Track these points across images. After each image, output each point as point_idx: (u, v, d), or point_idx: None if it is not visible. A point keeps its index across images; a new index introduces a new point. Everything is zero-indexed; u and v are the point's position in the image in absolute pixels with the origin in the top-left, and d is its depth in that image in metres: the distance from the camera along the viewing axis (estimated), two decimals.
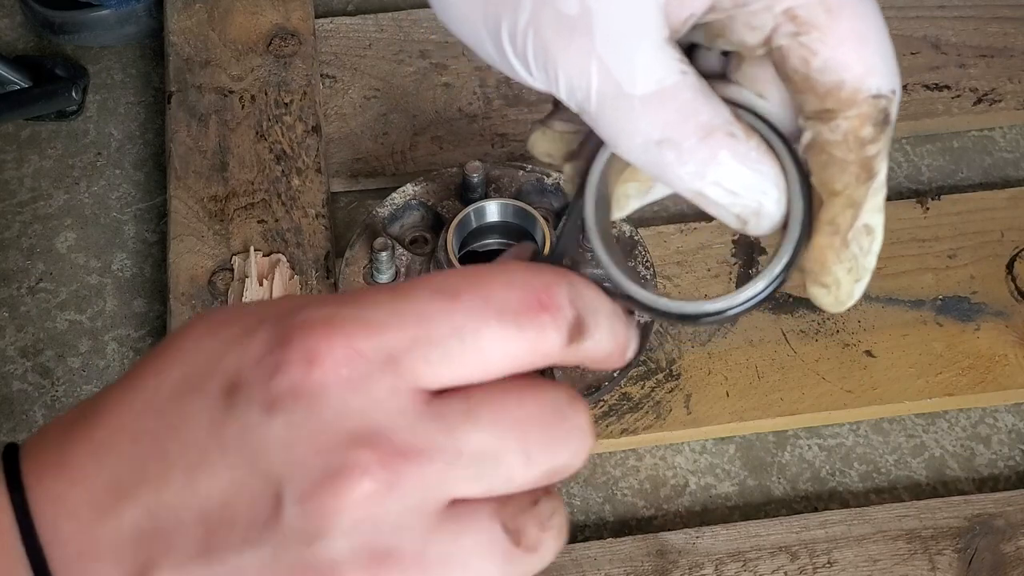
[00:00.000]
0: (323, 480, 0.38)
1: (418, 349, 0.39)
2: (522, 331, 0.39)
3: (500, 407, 0.39)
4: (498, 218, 0.86)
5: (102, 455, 0.40)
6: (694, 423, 0.84)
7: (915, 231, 0.92)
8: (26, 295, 0.93)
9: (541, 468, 0.40)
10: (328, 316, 0.39)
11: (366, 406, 0.38)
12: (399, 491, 0.38)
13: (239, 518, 0.38)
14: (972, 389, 0.85)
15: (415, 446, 0.38)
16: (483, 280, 0.40)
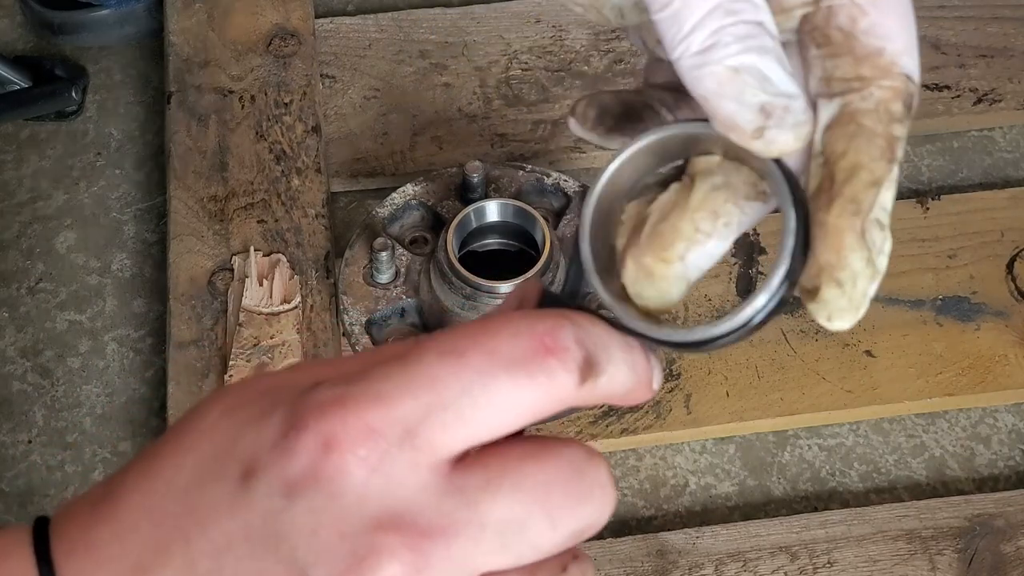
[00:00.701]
0: (351, 566, 0.37)
1: (433, 416, 0.38)
2: (532, 379, 0.39)
3: (519, 473, 0.39)
4: (498, 218, 0.86)
5: (125, 537, 0.40)
6: (694, 423, 0.84)
7: (915, 231, 0.92)
8: (26, 295, 0.93)
9: (567, 530, 0.39)
10: (340, 396, 0.39)
11: (387, 486, 0.38)
12: (428, 573, 0.37)
13: None
14: (972, 389, 0.85)
15: (440, 525, 0.38)
16: (486, 334, 0.39)
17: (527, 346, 0.39)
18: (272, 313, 0.83)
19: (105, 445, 0.86)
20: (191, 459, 0.40)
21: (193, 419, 0.42)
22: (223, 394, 0.42)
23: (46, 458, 0.85)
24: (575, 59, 1.02)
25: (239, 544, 0.39)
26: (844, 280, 0.42)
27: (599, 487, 0.39)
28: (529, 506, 0.38)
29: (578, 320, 0.41)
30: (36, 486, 0.84)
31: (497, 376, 0.38)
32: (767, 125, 0.41)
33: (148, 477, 0.41)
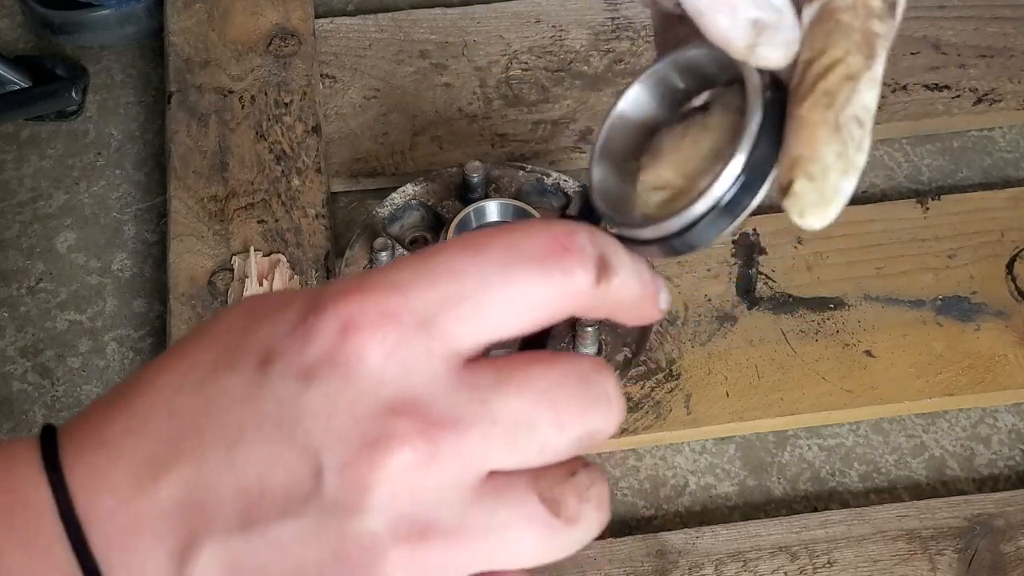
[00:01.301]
0: (362, 450, 0.37)
1: (450, 307, 0.38)
2: (550, 275, 0.39)
3: (528, 375, 0.39)
4: (498, 218, 0.86)
5: (140, 432, 0.40)
6: (694, 423, 0.84)
7: (915, 231, 0.92)
8: (26, 295, 0.93)
9: (573, 434, 0.39)
10: (359, 283, 0.39)
11: (402, 372, 0.38)
12: (438, 463, 0.38)
13: (278, 490, 0.38)
14: (972, 389, 0.85)
15: (452, 416, 0.38)
16: (506, 233, 0.40)
17: (546, 244, 0.39)
18: None
19: None
20: (207, 355, 0.41)
21: (212, 320, 0.42)
22: (243, 300, 0.42)
23: None
24: (575, 59, 1.02)
25: (252, 431, 0.39)
26: (815, 173, 0.42)
27: (605, 397, 0.40)
28: (538, 407, 0.39)
29: (590, 227, 0.41)
30: None
31: (516, 270, 0.39)
32: (758, 42, 0.41)
33: (163, 374, 0.41)
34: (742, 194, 0.42)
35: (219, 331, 0.41)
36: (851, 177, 0.43)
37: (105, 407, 0.42)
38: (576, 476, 0.40)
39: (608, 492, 0.41)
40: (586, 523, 0.40)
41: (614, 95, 0.46)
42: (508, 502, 0.39)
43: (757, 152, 0.42)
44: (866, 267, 0.90)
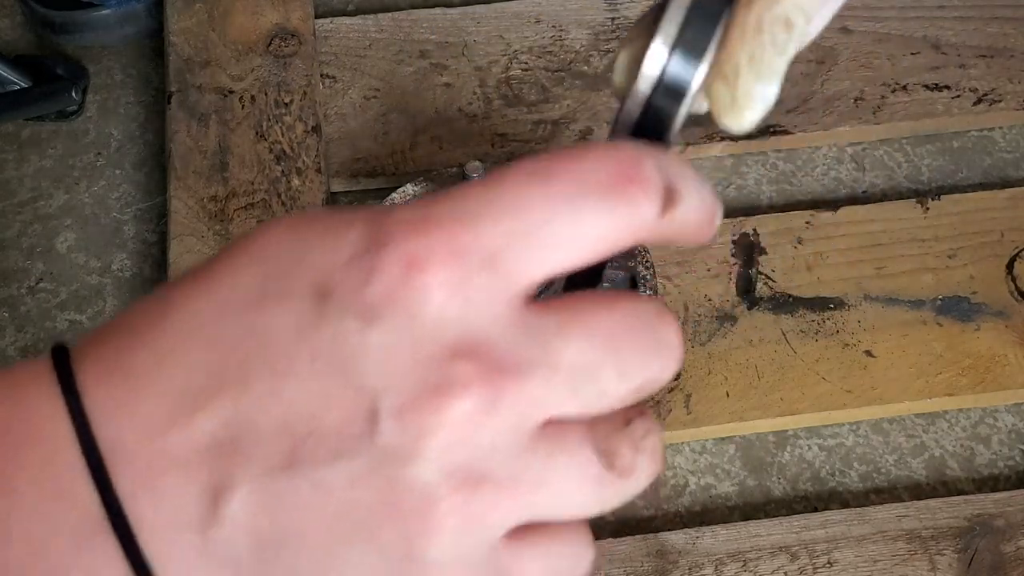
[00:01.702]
0: (423, 394, 0.36)
1: (516, 242, 0.37)
2: (616, 207, 0.38)
3: (592, 318, 0.38)
4: None
5: (172, 362, 0.37)
6: (694, 423, 0.84)
7: (915, 231, 0.92)
8: (26, 295, 0.93)
9: (634, 382, 0.38)
10: (423, 216, 0.37)
11: (465, 314, 0.36)
12: (499, 411, 0.36)
13: (329, 430, 0.36)
14: (972, 389, 0.85)
15: (515, 361, 0.36)
16: (573, 160, 0.38)
17: (613, 173, 0.38)
18: None
19: None
20: (251, 275, 0.38)
21: (252, 236, 0.39)
22: (286, 216, 0.39)
23: None
24: (575, 59, 1.02)
25: (304, 367, 0.36)
26: (727, 73, 0.43)
27: (667, 343, 0.39)
28: (601, 353, 0.37)
29: (657, 153, 0.40)
30: None
31: (583, 202, 0.37)
32: None
33: (198, 297, 0.38)
34: (682, 70, 0.42)
35: (261, 253, 0.38)
36: (766, 82, 0.43)
37: (127, 333, 0.39)
38: (631, 425, 0.39)
39: (662, 442, 0.40)
40: (640, 474, 0.39)
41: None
42: (563, 453, 0.38)
43: (690, 30, 0.41)
44: (866, 267, 0.90)
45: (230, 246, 0.39)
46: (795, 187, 0.99)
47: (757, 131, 0.98)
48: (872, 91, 1.00)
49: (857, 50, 1.03)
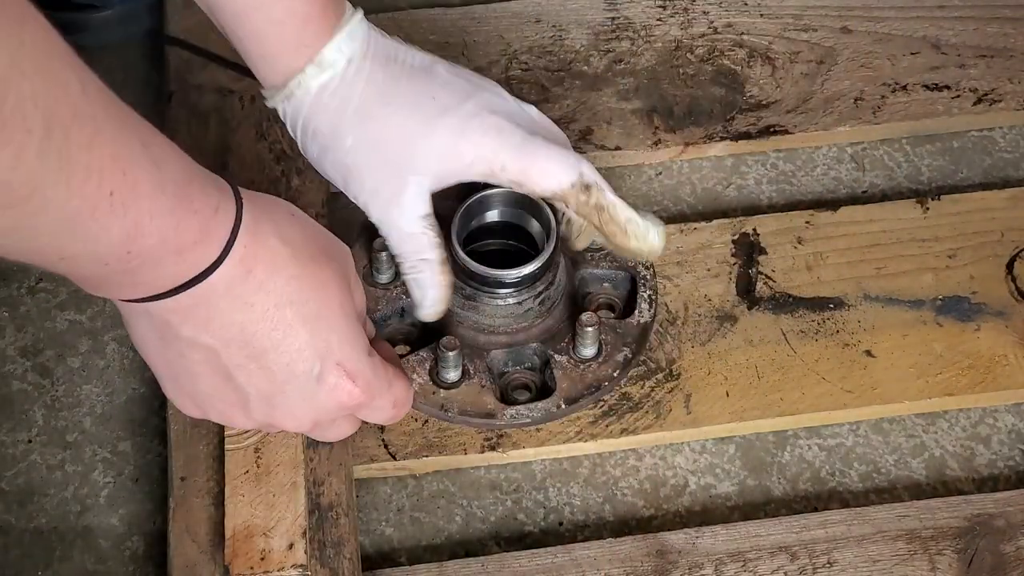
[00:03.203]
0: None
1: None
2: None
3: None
4: (499, 218, 0.85)
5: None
6: (694, 423, 0.84)
7: (915, 231, 0.92)
8: (26, 295, 0.93)
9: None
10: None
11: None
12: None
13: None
14: (972, 389, 0.85)
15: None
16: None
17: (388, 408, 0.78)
18: None
19: (105, 445, 0.86)
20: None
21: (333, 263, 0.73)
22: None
23: (46, 458, 0.86)
24: (575, 59, 1.02)
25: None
26: (631, 246, 0.82)
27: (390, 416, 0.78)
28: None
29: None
30: (36, 485, 0.84)
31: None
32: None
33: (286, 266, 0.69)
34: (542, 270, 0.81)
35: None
36: (643, 233, 0.81)
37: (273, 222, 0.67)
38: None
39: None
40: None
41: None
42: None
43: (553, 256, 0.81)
44: (866, 267, 0.90)
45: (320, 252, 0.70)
46: (795, 187, 0.99)
47: (757, 131, 0.98)
48: (872, 91, 1.00)
49: (857, 50, 1.03)
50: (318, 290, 0.68)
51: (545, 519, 0.83)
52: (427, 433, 0.83)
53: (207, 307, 0.64)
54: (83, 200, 0.52)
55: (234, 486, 0.75)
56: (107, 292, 0.63)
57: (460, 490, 0.84)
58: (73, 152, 0.50)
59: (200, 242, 0.61)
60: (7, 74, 0.46)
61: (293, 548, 0.73)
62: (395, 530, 0.83)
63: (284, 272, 0.66)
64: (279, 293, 0.66)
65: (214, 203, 0.62)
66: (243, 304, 0.65)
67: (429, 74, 0.79)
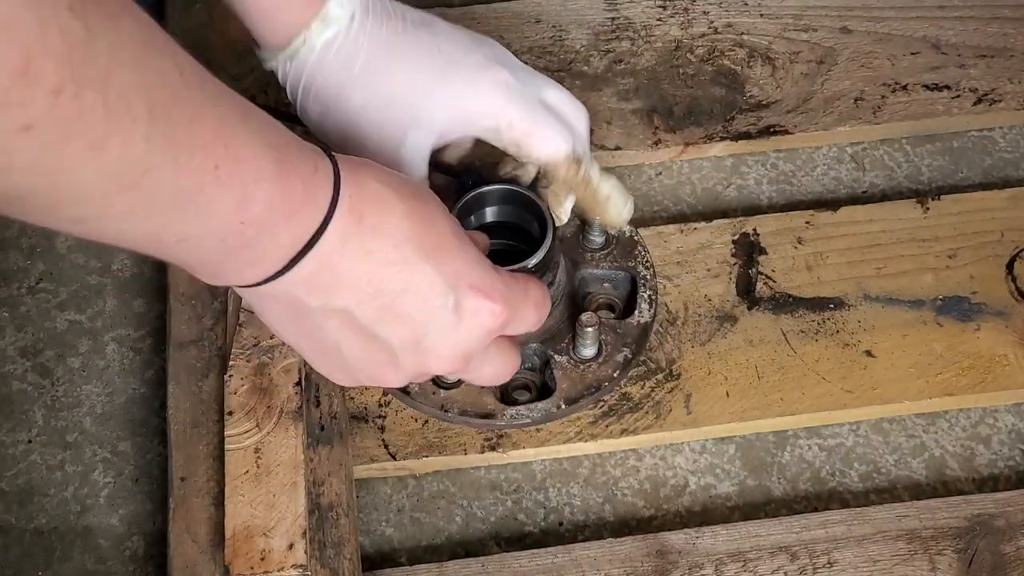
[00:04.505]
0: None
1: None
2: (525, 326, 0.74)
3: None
4: (499, 218, 0.85)
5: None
6: (694, 423, 0.84)
7: (915, 231, 0.92)
8: (26, 295, 0.93)
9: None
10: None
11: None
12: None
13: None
14: (972, 389, 0.85)
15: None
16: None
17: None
18: None
19: (105, 445, 0.86)
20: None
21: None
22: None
23: (46, 458, 0.86)
24: (575, 59, 1.02)
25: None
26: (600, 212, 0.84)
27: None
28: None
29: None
30: (36, 485, 0.84)
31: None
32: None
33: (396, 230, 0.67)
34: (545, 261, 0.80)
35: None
36: (616, 207, 0.83)
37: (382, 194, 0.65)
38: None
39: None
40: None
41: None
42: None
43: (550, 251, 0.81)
44: (866, 267, 0.90)
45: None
46: (795, 187, 0.99)
47: (757, 131, 0.98)
48: (872, 91, 1.00)
49: (857, 50, 1.03)
50: (428, 222, 0.66)
51: (545, 519, 0.83)
52: (427, 433, 0.83)
53: (329, 269, 0.63)
54: (191, 176, 0.54)
55: (234, 486, 0.75)
56: (231, 277, 0.63)
57: (460, 490, 0.84)
58: (177, 133, 0.53)
59: (307, 202, 0.61)
60: (108, 67, 0.48)
61: (293, 548, 0.73)
62: (395, 530, 0.83)
63: (393, 212, 0.65)
64: (394, 233, 0.65)
65: (312, 163, 0.62)
66: (363, 253, 0.64)
67: (430, 28, 0.79)
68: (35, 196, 0.50)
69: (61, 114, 0.47)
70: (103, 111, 0.48)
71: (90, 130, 0.48)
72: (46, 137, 0.47)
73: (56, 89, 0.46)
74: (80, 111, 0.47)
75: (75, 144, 0.48)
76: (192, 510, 0.77)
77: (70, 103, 0.47)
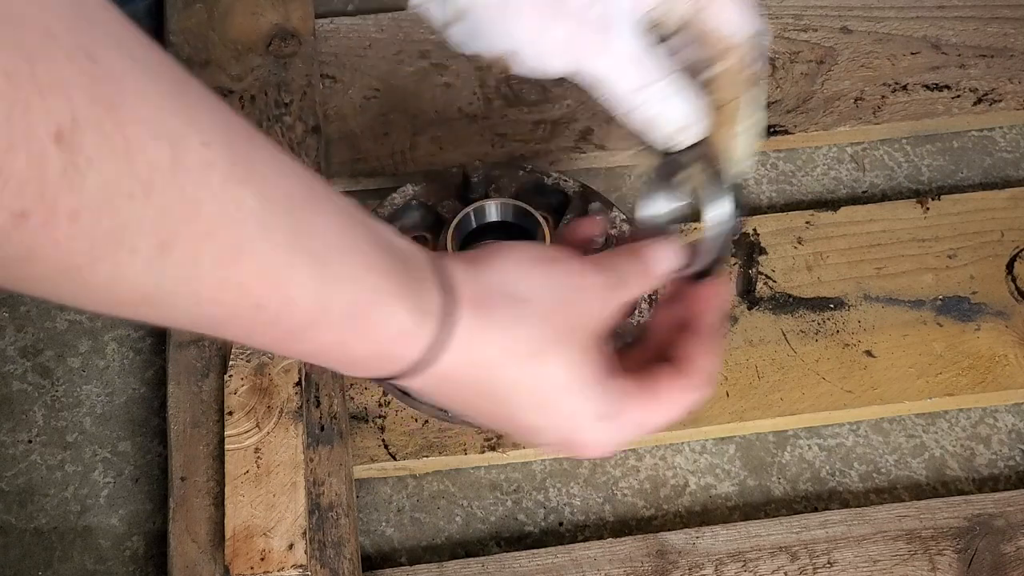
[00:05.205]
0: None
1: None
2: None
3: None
4: (498, 218, 0.86)
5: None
6: (694, 423, 0.84)
7: (915, 231, 0.92)
8: (26, 295, 0.92)
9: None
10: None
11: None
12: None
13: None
14: (972, 389, 0.85)
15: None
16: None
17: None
18: None
19: (105, 445, 0.86)
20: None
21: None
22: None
23: (46, 458, 0.86)
24: None
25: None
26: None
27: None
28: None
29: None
30: (36, 485, 0.84)
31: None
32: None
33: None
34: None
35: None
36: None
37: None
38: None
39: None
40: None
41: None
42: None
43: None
44: (866, 267, 0.90)
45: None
46: (795, 187, 0.99)
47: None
48: (872, 91, 1.00)
49: (857, 50, 1.03)
50: (540, 379, 0.57)
51: (545, 519, 0.83)
52: (427, 433, 0.83)
53: (441, 383, 0.56)
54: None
55: (234, 486, 0.75)
56: (367, 372, 0.56)
57: (460, 490, 0.84)
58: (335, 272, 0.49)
59: (395, 359, 0.54)
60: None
61: (293, 548, 0.73)
62: (395, 530, 0.83)
63: (503, 372, 0.57)
64: (494, 390, 0.57)
65: (406, 323, 0.53)
66: (472, 390, 0.57)
67: None
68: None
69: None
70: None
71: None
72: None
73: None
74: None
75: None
76: (192, 510, 0.77)
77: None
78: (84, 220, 0.40)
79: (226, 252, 0.45)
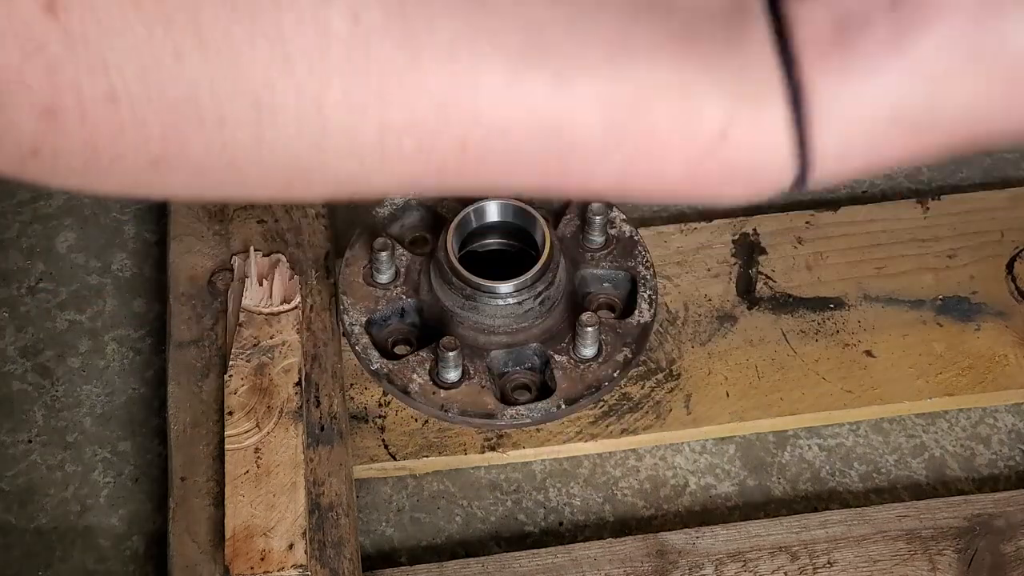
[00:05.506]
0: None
1: None
2: None
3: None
4: (498, 218, 0.86)
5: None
6: (694, 423, 0.84)
7: (915, 231, 0.92)
8: (26, 295, 0.93)
9: None
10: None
11: None
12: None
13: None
14: (972, 389, 0.85)
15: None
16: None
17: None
18: (272, 313, 0.83)
19: (105, 445, 0.86)
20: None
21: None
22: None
23: (46, 458, 0.86)
24: None
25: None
26: None
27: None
28: None
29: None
30: (36, 485, 0.84)
31: None
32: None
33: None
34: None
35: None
36: None
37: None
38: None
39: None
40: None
41: None
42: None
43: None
44: (866, 267, 0.90)
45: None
46: None
47: None
48: None
49: None
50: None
51: (545, 519, 0.83)
52: (427, 433, 0.83)
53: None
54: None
55: (234, 486, 0.75)
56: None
57: (460, 490, 0.84)
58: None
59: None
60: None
61: (293, 548, 0.73)
62: (395, 530, 0.83)
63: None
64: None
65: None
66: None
67: None
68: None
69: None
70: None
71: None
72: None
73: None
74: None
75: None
76: (192, 510, 0.77)
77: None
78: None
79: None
